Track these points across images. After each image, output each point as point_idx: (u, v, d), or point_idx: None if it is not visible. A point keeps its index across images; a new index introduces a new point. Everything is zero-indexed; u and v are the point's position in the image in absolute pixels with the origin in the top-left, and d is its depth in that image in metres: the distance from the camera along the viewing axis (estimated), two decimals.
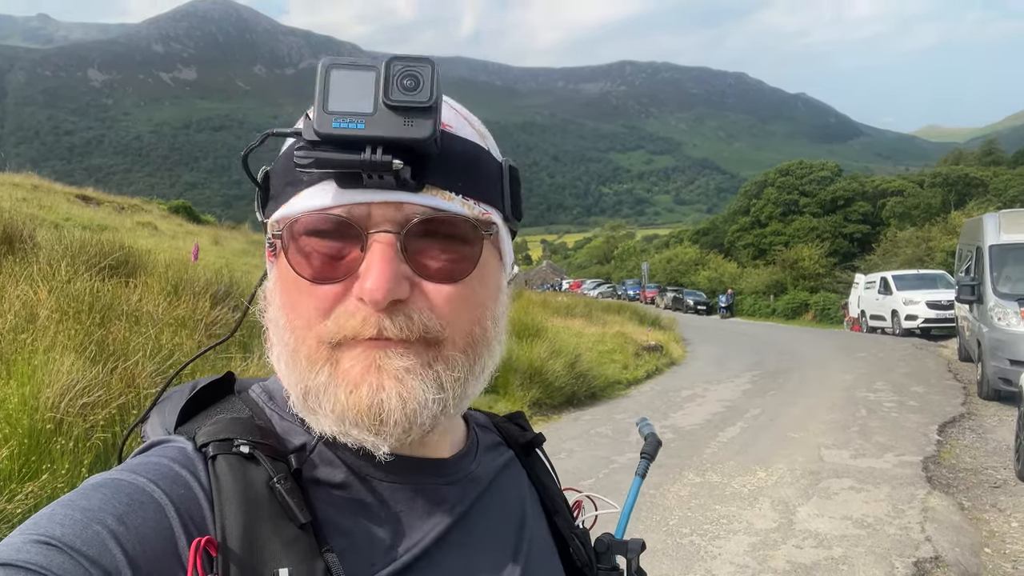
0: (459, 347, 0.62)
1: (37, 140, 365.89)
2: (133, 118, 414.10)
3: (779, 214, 55.69)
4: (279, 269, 0.63)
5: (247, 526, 0.55)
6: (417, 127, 0.55)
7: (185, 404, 0.67)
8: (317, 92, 0.55)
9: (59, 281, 5.62)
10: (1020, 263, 9.85)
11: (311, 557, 0.56)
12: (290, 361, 0.62)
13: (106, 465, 3.83)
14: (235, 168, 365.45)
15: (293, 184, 0.61)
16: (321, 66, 0.56)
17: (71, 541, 0.50)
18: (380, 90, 0.55)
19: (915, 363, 13.29)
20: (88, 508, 0.52)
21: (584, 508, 0.86)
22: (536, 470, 0.81)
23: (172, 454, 0.60)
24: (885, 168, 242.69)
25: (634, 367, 12.82)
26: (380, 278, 0.56)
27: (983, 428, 8.01)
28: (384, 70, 0.55)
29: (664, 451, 7.24)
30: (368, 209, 0.58)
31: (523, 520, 0.73)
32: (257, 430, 0.62)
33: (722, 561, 4.49)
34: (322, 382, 0.59)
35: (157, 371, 4.77)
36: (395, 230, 0.58)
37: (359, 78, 0.55)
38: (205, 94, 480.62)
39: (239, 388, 0.70)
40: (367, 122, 0.55)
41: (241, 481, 0.57)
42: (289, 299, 0.62)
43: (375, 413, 0.58)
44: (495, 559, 0.67)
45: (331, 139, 0.55)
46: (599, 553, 0.79)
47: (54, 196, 18.24)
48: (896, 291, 19.93)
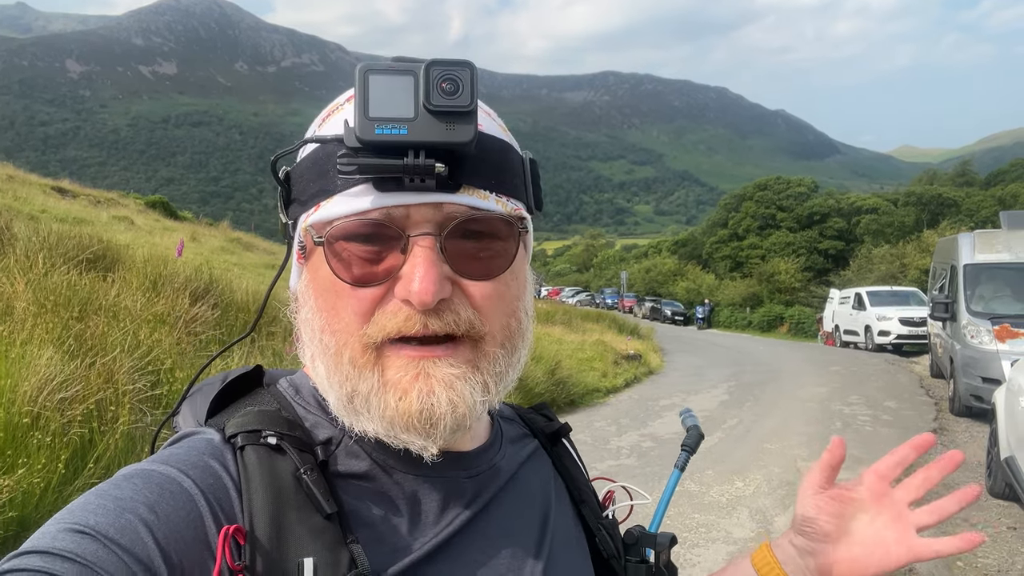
0: (498, 341, 0.63)
1: (12, 130, 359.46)
2: (110, 111, 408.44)
3: (756, 228, 56.39)
4: (313, 271, 0.64)
5: (274, 516, 0.56)
6: (459, 131, 0.56)
7: (215, 396, 0.68)
8: (356, 97, 0.55)
9: (36, 274, 5.52)
10: (993, 282, 10.04)
11: (336, 547, 0.57)
12: (332, 364, 0.62)
13: (83, 461, 3.77)
14: (213, 165, 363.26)
15: (326, 187, 0.60)
16: (359, 71, 0.56)
17: (104, 530, 0.51)
18: (420, 94, 0.55)
19: (888, 378, 13.49)
20: (120, 498, 0.54)
21: (616, 499, 0.85)
22: (563, 460, 0.81)
23: (202, 445, 0.61)
24: (861, 186, 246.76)
25: (613, 375, 12.87)
26: (427, 280, 0.57)
27: (955, 444, 8.14)
28: (424, 74, 0.55)
29: (642, 460, 7.29)
30: (407, 211, 0.59)
31: (547, 510, 0.73)
32: (284, 422, 0.63)
33: (701, 569, 4.51)
34: (370, 387, 0.60)
35: (135, 367, 4.70)
36: (435, 231, 0.59)
37: (398, 82, 0.56)
38: (184, 89, 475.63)
39: (268, 381, 0.71)
40: (409, 127, 0.55)
41: (269, 471, 0.58)
42: (327, 302, 0.62)
43: (426, 418, 0.59)
44: (518, 549, 0.68)
45: (373, 145, 0.55)
46: (628, 545, 0.79)
47: (29, 187, 17.91)
48: (870, 307, 20.23)
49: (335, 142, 0.59)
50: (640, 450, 7.73)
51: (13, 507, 3.22)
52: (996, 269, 10.11)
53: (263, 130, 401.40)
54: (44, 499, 3.43)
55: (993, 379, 8.52)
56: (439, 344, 0.60)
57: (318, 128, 0.65)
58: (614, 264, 74.48)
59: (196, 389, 0.72)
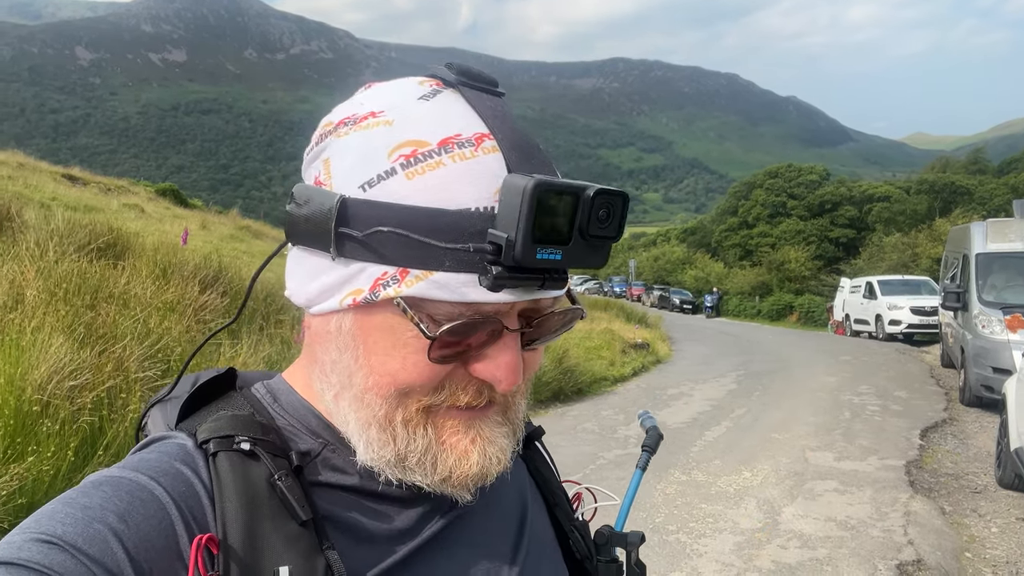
0: (522, 393, 0.65)
1: (22, 117, 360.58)
2: (120, 98, 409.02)
3: (766, 216, 56.07)
4: (370, 327, 0.58)
5: (248, 523, 0.55)
6: (600, 256, 0.57)
7: (186, 400, 0.66)
8: (521, 216, 0.52)
9: (47, 262, 5.55)
10: (1005, 272, 9.95)
11: (312, 554, 0.55)
12: (375, 423, 0.59)
13: (92, 449, 3.79)
14: (222, 152, 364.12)
15: (424, 259, 0.55)
16: (531, 187, 0.52)
17: (73, 539, 0.50)
18: (578, 220, 0.54)
19: (898, 368, 13.42)
20: (89, 506, 0.52)
21: (583, 500, 0.87)
22: (536, 463, 0.82)
23: (173, 451, 0.59)
24: (872, 173, 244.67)
25: (621, 364, 12.86)
26: (514, 371, 0.58)
27: (964, 434, 8.11)
28: (591, 202, 0.54)
29: None
30: (511, 307, 0.58)
31: (524, 514, 0.73)
32: (258, 427, 0.61)
33: (708, 560, 4.52)
34: (425, 447, 0.60)
35: (145, 355, 4.72)
36: (523, 325, 0.60)
37: (559, 205, 0.53)
38: (194, 76, 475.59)
39: (241, 384, 0.70)
40: (564, 253, 0.54)
41: (242, 478, 0.57)
42: (386, 366, 0.58)
43: (481, 475, 0.61)
44: (495, 554, 0.68)
45: (526, 266, 0.53)
46: (599, 545, 0.80)
47: (40, 175, 17.99)
48: (881, 296, 20.10)
49: (494, 253, 0.53)
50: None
51: (23, 494, 3.25)
52: (1009, 258, 10.01)
53: (272, 118, 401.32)
54: (54, 486, 3.46)
55: (1004, 369, 8.47)
56: (485, 407, 0.61)
57: (387, 159, 0.57)
58: (622, 252, 74.29)
59: (168, 396, 0.70)
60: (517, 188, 0.52)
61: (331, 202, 0.56)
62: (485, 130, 0.57)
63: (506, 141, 0.56)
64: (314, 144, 0.62)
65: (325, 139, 0.61)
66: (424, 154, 0.55)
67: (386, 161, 0.56)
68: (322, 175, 0.60)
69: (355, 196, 0.56)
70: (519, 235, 0.52)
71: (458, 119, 0.57)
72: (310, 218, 0.58)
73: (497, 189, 0.54)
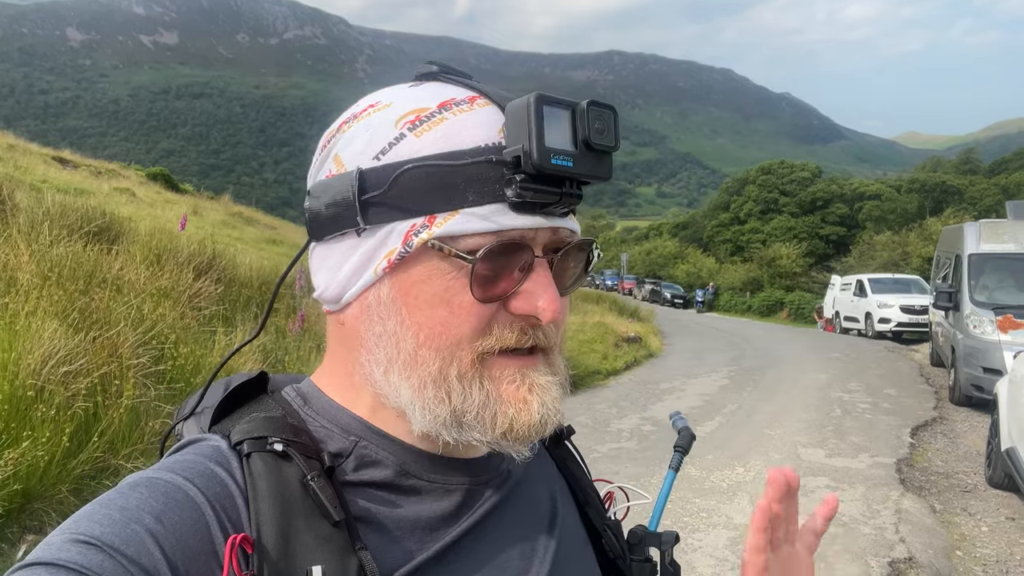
0: (559, 349, 0.66)
1: (12, 98, 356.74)
2: (111, 80, 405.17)
3: (758, 212, 56.30)
4: (410, 284, 0.61)
5: (282, 523, 0.56)
6: (605, 167, 0.61)
7: (219, 403, 0.67)
8: (531, 125, 0.57)
9: (41, 245, 5.49)
10: (997, 273, 10.03)
11: (344, 555, 0.56)
12: (429, 380, 0.61)
13: (87, 435, 3.76)
14: (213, 137, 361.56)
15: (450, 199, 0.58)
16: (533, 99, 0.57)
17: (110, 540, 0.51)
18: (579, 130, 0.59)
19: (888, 366, 13.51)
20: (126, 507, 0.54)
21: (616, 499, 0.87)
22: (566, 461, 0.82)
23: (207, 452, 0.61)
24: (864, 172, 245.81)
25: (613, 358, 12.89)
26: (554, 300, 0.60)
27: (954, 433, 8.17)
28: (585, 113, 0.59)
29: (642, 443, 7.31)
30: (535, 233, 0.61)
31: (554, 513, 0.74)
32: (290, 428, 0.63)
33: (702, 554, 4.54)
34: (480, 401, 0.61)
35: (139, 341, 4.68)
36: (550, 254, 0.62)
37: (561, 116, 0.59)
38: (185, 60, 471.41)
39: (272, 388, 0.71)
40: (574, 160, 0.58)
41: (276, 479, 0.58)
42: (433, 317, 0.60)
43: (542, 424, 0.61)
44: (526, 550, 0.68)
45: (545, 173, 0.58)
46: (632, 545, 0.81)
47: (30, 157, 17.80)
48: (871, 294, 20.22)
49: (514, 162, 0.58)
50: (640, 433, 7.76)
51: (18, 480, 3.23)
52: (1001, 259, 10.09)
53: (264, 103, 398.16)
54: (48, 472, 3.43)
55: (994, 369, 8.54)
56: (531, 354, 0.63)
57: (397, 131, 0.61)
58: (615, 246, 74.36)
59: (196, 410, 0.71)
60: (521, 104, 0.57)
61: (350, 179, 0.60)
62: (476, 94, 0.63)
63: (496, 98, 0.61)
64: (320, 151, 0.66)
65: (330, 141, 0.65)
66: (427, 115, 0.61)
67: (394, 130, 0.61)
68: (334, 169, 0.63)
69: (371, 166, 0.60)
70: (533, 142, 0.56)
71: (450, 91, 0.63)
72: (331, 203, 0.61)
73: (500, 128, 0.59)
